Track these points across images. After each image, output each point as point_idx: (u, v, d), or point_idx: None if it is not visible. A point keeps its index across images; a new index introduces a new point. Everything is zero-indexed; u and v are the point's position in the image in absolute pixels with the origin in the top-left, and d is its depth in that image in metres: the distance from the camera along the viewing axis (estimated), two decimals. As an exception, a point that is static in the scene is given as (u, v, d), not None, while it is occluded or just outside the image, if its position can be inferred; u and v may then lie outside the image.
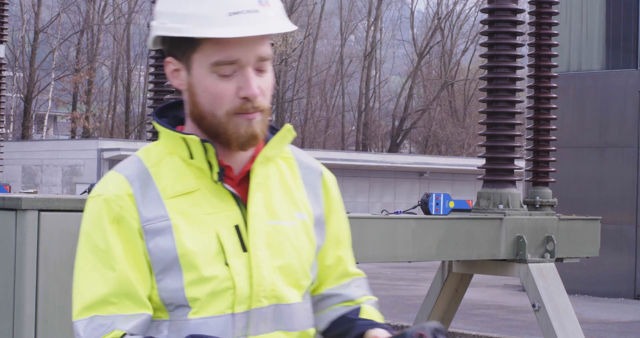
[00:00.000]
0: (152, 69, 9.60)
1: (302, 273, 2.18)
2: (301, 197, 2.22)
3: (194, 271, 2.05)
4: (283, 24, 2.08)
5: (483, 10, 8.42)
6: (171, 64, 2.12)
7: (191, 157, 2.10)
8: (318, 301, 2.32)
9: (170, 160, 2.12)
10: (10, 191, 9.79)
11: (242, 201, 2.12)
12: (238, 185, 2.14)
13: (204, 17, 2.02)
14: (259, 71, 2.08)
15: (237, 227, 2.10)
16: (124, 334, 2.02)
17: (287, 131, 2.17)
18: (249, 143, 2.09)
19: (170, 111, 2.21)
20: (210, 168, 2.09)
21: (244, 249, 2.10)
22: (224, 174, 2.12)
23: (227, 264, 2.07)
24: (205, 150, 2.07)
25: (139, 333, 2.05)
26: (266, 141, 2.17)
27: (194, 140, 2.07)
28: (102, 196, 2.08)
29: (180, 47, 2.08)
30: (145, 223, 2.06)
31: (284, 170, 2.23)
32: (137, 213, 2.06)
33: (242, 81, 2.05)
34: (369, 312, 2.31)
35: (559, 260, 8.06)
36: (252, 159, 2.15)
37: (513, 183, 8.15)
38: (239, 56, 2.04)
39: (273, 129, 2.21)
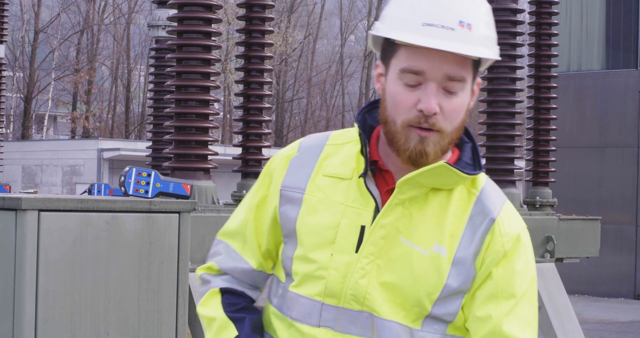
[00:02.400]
0: (152, 69, 9.60)
1: (414, 300, 2.13)
2: (454, 231, 2.15)
3: (303, 249, 2.17)
4: (479, 51, 2.07)
5: (483, 10, 8.42)
6: (379, 68, 2.19)
7: (362, 151, 2.18)
8: None
9: (351, 147, 2.21)
10: (10, 191, 9.79)
11: (380, 208, 2.14)
12: (388, 193, 2.16)
13: (400, 22, 2.09)
14: (448, 91, 2.08)
15: (362, 228, 2.13)
16: (218, 270, 2.31)
17: (441, 168, 2.11)
18: (416, 159, 2.10)
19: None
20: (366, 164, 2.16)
21: (357, 250, 2.13)
22: (384, 178, 2.16)
23: (332, 255, 2.13)
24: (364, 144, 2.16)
25: (233, 281, 2.28)
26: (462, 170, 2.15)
27: (357, 131, 2.18)
28: (277, 154, 2.30)
29: (385, 51, 2.15)
30: (283, 188, 2.22)
31: (455, 201, 2.17)
32: (283, 177, 2.23)
33: (423, 94, 2.07)
34: None
35: (559, 260, 8.06)
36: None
37: (513, 183, 8.15)
38: (425, 68, 2.07)
39: (471, 162, 2.21)
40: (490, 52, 2.11)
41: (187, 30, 6.30)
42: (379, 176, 2.18)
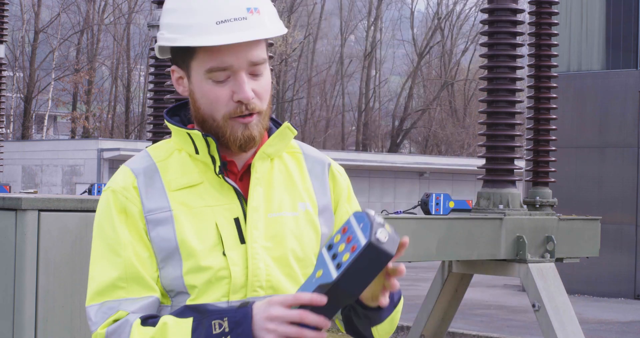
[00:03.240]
0: (152, 69, 9.61)
1: (306, 261, 2.25)
2: (306, 188, 2.31)
3: (193, 260, 2.15)
4: (270, 30, 2.18)
5: (483, 10, 8.42)
6: (175, 72, 2.25)
7: (196, 152, 2.22)
8: None
9: (178, 156, 2.25)
10: (10, 191, 9.79)
11: (243, 195, 2.22)
12: (240, 180, 2.25)
13: (195, 27, 2.15)
14: (254, 75, 2.19)
15: (236, 220, 2.19)
16: (127, 314, 2.13)
17: (286, 128, 2.27)
18: (246, 145, 2.20)
19: (183, 110, 2.33)
20: (214, 162, 2.20)
21: (242, 241, 2.19)
22: (227, 169, 2.24)
23: (224, 254, 2.16)
24: (208, 145, 2.19)
25: (145, 313, 2.15)
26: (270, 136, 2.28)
27: (197, 134, 2.19)
28: (110, 188, 2.23)
29: (181, 56, 2.21)
30: (147, 213, 2.18)
31: (289, 164, 2.32)
32: (141, 204, 2.19)
33: (236, 86, 2.16)
34: None
35: (559, 260, 8.06)
36: (254, 155, 2.25)
37: (513, 183, 8.15)
38: (230, 62, 2.15)
39: (278, 125, 2.31)
40: (283, 26, 2.23)
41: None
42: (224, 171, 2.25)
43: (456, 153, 47.66)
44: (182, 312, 2.12)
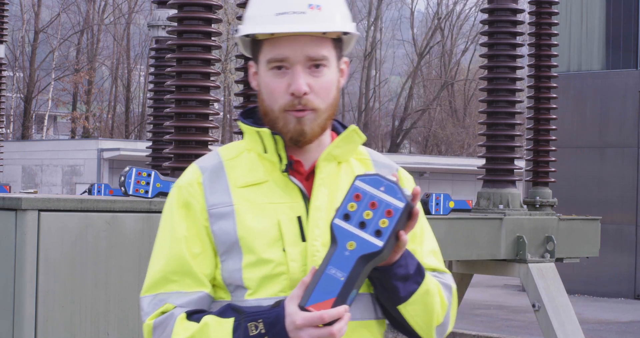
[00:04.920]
0: (152, 69, 9.61)
1: None
2: None
3: (252, 254, 2.20)
4: (327, 25, 2.24)
5: (483, 10, 8.42)
6: (251, 67, 2.33)
7: (265, 151, 2.26)
8: None
9: (247, 155, 2.30)
10: (10, 191, 9.79)
11: (307, 195, 2.25)
12: (306, 180, 2.28)
13: (256, 18, 2.25)
14: (313, 72, 2.23)
15: (299, 218, 2.23)
16: (174, 307, 2.19)
17: (353, 132, 2.30)
18: (298, 139, 2.24)
19: (257, 113, 2.36)
20: (280, 161, 2.25)
21: (303, 239, 2.21)
22: (293, 169, 2.27)
23: (284, 250, 2.19)
24: (276, 142, 2.24)
25: (193, 307, 2.20)
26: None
27: (265, 132, 2.24)
28: (177, 184, 2.31)
29: (254, 51, 2.30)
30: (210, 208, 2.24)
31: (357, 169, 2.34)
32: (204, 199, 2.25)
33: (291, 79, 2.21)
34: None
35: (559, 260, 8.06)
36: None
37: (513, 183, 8.15)
38: (287, 54, 2.21)
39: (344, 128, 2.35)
40: (339, 25, 2.27)
41: (187, 30, 6.30)
42: (290, 170, 2.28)
43: (456, 153, 47.65)
44: (223, 312, 2.15)
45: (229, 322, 2.11)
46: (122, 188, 5.66)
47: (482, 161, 8.34)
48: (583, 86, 19.21)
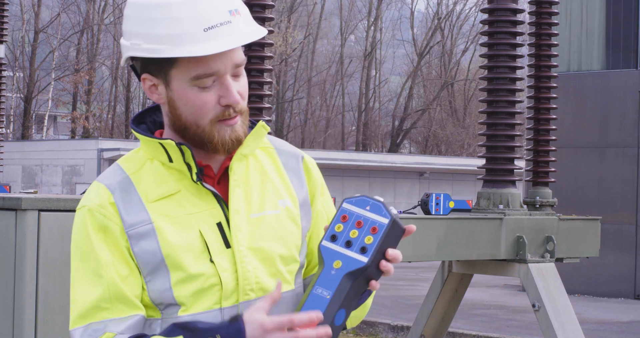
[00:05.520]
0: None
1: (289, 259, 2.22)
2: (284, 183, 2.27)
3: (181, 271, 2.11)
4: (256, 31, 2.15)
5: (483, 10, 8.42)
6: (148, 80, 2.16)
7: (170, 161, 2.15)
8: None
9: (150, 165, 2.18)
10: (10, 191, 9.79)
11: (222, 198, 2.17)
12: (218, 183, 2.20)
13: (180, 36, 2.06)
14: (236, 76, 2.14)
15: (219, 224, 2.15)
16: (115, 335, 2.07)
17: (261, 128, 2.22)
18: (234, 147, 2.16)
19: (149, 116, 2.28)
20: (189, 169, 2.14)
21: (227, 245, 2.14)
22: (204, 174, 2.18)
23: (212, 261, 2.12)
24: (183, 153, 2.13)
25: (132, 333, 2.09)
26: None
27: (170, 144, 2.13)
28: (86, 207, 2.16)
29: (157, 65, 2.12)
30: (128, 229, 2.12)
31: (264, 160, 2.28)
32: (120, 220, 2.12)
33: (222, 90, 2.11)
34: None
35: (559, 260, 8.06)
36: (230, 156, 2.20)
37: (513, 183, 8.15)
38: (217, 68, 2.09)
39: (253, 125, 2.27)
40: (259, 26, 2.18)
41: (187, 30, 6.30)
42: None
43: (456, 153, 47.65)
44: (171, 331, 2.08)
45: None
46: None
47: (482, 161, 8.34)
48: (583, 86, 19.20)
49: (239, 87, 2.14)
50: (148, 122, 2.27)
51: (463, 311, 14.57)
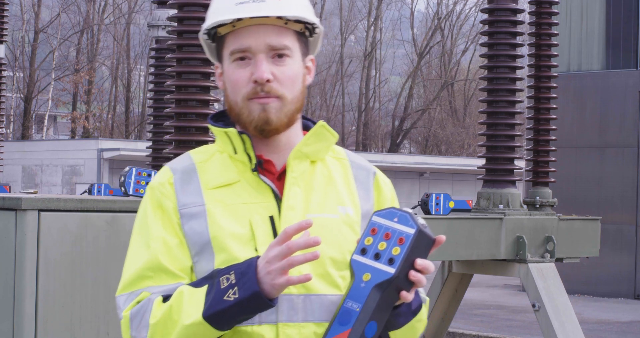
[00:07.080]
0: (152, 69, 9.60)
1: (343, 263, 2.22)
2: (349, 192, 2.31)
3: (225, 253, 2.17)
4: (285, 11, 2.22)
5: (483, 10, 8.42)
6: (217, 68, 2.33)
7: (235, 152, 2.26)
8: None
9: (219, 157, 2.29)
10: (10, 191, 9.79)
11: (279, 194, 2.23)
12: (278, 180, 2.26)
13: (217, 10, 2.25)
14: (276, 61, 2.23)
15: (271, 218, 2.21)
16: (150, 294, 2.17)
17: (321, 128, 2.29)
18: (263, 128, 2.23)
19: (227, 116, 2.36)
20: (250, 160, 2.24)
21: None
22: (264, 168, 2.26)
23: (256, 250, 2.17)
24: (244, 142, 2.23)
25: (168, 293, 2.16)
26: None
27: (232, 132, 2.24)
28: (150, 185, 2.31)
29: (218, 51, 2.31)
30: (181, 208, 2.23)
31: (334, 169, 2.33)
32: (176, 198, 2.24)
33: (254, 67, 2.21)
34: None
35: (559, 260, 8.06)
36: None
37: (513, 183, 8.15)
38: (249, 44, 2.21)
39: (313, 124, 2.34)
40: (308, 14, 2.25)
41: (187, 31, 6.30)
42: (261, 170, 2.27)
43: (456, 153, 47.64)
44: (198, 283, 2.13)
45: (203, 288, 2.10)
46: (122, 188, 5.67)
47: (482, 161, 8.35)
48: (583, 86, 19.20)
49: (278, 71, 2.21)
50: (226, 120, 2.34)
51: (463, 311, 14.57)
